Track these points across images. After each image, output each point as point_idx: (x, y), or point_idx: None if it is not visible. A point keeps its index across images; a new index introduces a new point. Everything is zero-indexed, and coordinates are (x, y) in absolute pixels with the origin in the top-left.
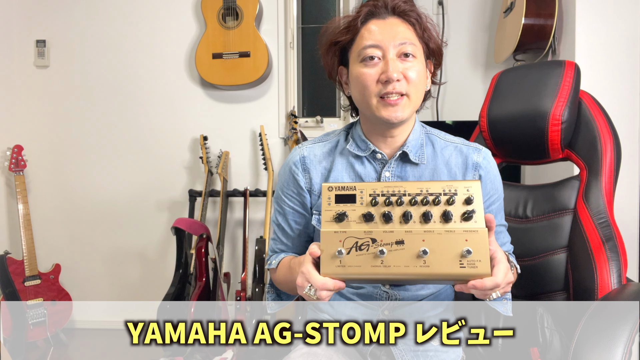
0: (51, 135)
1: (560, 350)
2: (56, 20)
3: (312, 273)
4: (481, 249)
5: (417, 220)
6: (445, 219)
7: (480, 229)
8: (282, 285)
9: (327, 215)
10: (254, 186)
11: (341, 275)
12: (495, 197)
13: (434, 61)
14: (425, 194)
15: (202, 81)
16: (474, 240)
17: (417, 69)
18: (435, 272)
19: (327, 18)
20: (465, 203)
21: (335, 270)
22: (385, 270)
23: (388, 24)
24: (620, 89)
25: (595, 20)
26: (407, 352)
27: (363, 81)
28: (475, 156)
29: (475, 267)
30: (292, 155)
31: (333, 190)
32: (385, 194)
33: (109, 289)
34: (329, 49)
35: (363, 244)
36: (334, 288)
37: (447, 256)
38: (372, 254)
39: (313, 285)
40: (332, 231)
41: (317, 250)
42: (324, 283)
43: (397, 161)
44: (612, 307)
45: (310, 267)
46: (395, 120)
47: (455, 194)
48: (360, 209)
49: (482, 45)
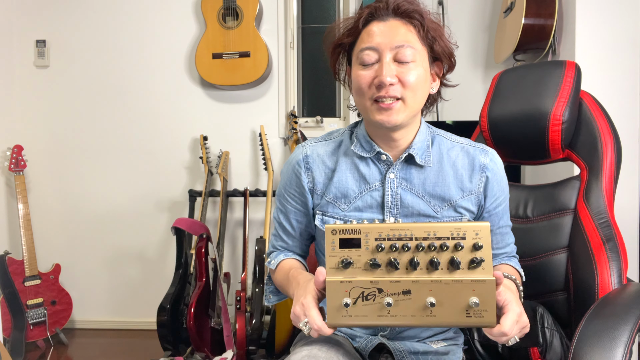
0: (51, 136)
1: (560, 350)
2: (56, 20)
3: (312, 310)
4: (488, 300)
5: (424, 267)
6: (452, 266)
7: (488, 279)
8: (280, 289)
9: (332, 262)
10: (254, 186)
11: (347, 325)
12: (501, 198)
13: (444, 63)
14: (433, 239)
15: (202, 81)
16: (481, 291)
17: (416, 72)
18: (441, 322)
19: (327, 18)
20: (474, 249)
21: (342, 321)
22: (392, 321)
23: (388, 26)
24: (620, 89)
25: (595, 20)
26: (407, 354)
27: (358, 83)
28: (482, 158)
29: (482, 317)
30: (295, 154)
31: (337, 233)
32: (392, 238)
33: (109, 289)
34: (334, 50)
35: (369, 294)
36: (327, 334)
37: (454, 307)
38: (378, 304)
39: (309, 324)
40: (337, 281)
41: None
42: (320, 328)
43: (402, 163)
44: (613, 307)
45: (312, 301)
46: (388, 124)
47: (463, 238)
48: (365, 254)
49: (482, 45)
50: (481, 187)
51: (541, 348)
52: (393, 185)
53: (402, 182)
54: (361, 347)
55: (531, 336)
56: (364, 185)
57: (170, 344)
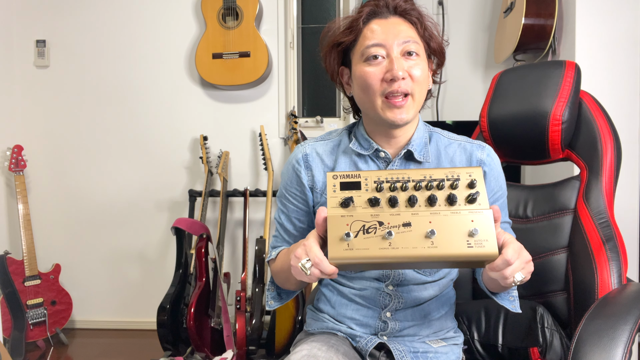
0: (51, 135)
1: (560, 350)
2: (56, 20)
3: (314, 247)
4: (487, 229)
5: (423, 203)
6: (450, 201)
7: (485, 210)
8: (280, 275)
9: (333, 201)
10: (254, 186)
11: (349, 259)
12: (499, 193)
13: (436, 60)
14: (429, 179)
15: (202, 81)
16: (480, 221)
17: (421, 67)
18: (443, 253)
19: (327, 18)
20: (469, 187)
21: (343, 254)
22: (394, 253)
23: (390, 23)
24: (620, 89)
25: (595, 20)
26: (407, 353)
27: (367, 80)
28: (479, 153)
29: (483, 247)
30: (295, 153)
31: (338, 178)
32: (390, 181)
33: (109, 289)
34: (331, 50)
35: (370, 226)
36: (329, 272)
37: (455, 236)
38: (379, 236)
39: (311, 260)
40: (338, 215)
41: (323, 215)
42: (321, 260)
43: (401, 160)
44: (613, 307)
45: (314, 242)
46: (400, 122)
47: (458, 179)
48: (365, 194)
49: (482, 45)
50: None
51: (541, 348)
52: None
53: None
54: (361, 346)
55: (531, 336)
56: None
57: (170, 344)
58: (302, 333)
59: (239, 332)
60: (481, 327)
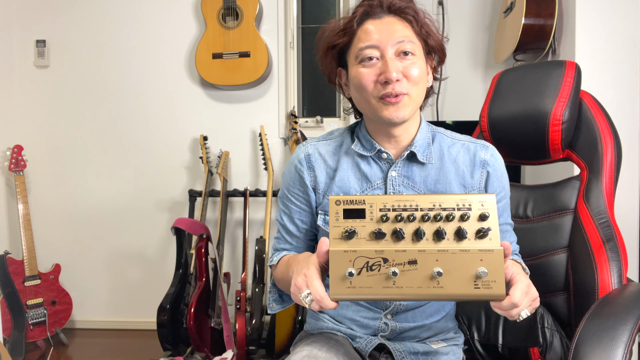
0: (51, 135)
1: (560, 350)
2: (56, 20)
3: (315, 281)
4: (497, 269)
5: (430, 237)
6: (459, 236)
7: (495, 249)
8: (280, 283)
9: (335, 232)
10: (254, 186)
11: (351, 297)
12: (502, 194)
13: (436, 57)
14: (438, 210)
15: (202, 81)
16: (489, 260)
17: (417, 66)
18: (449, 293)
19: (327, 18)
20: (480, 219)
21: (345, 292)
22: (398, 292)
23: (384, 23)
24: (620, 89)
25: (595, 20)
26: (407, 354)
27: (361, 81)
28: (483, 153)
29: (490, 288)
30: (297, 153)
31: (341, 204)
32: (397, 209)
33: (109, 289)
34: (327, 52)
35: (374, 264)
36: (330, 307)
37: (462, 277)
38: (384, 275)
39: (312, 294)
40: (341, 250)
41: (324, 248)
42: (323, 298)
43: (404, 161)
44: (613, 307)
45: (315, 274)
46: (397, 119)
47: (469, 209)
48: (370, 225)
49: (482, 45)
50: (482, 182)
51: (541, 348)
52: (395, 183)
53: (403, 179)
54: (361, 347)
55: (531, 336)
56: (366, 183)
57: (170, 344)
58: (302, 333)
59: (239, 332)
60: (481, 327)
